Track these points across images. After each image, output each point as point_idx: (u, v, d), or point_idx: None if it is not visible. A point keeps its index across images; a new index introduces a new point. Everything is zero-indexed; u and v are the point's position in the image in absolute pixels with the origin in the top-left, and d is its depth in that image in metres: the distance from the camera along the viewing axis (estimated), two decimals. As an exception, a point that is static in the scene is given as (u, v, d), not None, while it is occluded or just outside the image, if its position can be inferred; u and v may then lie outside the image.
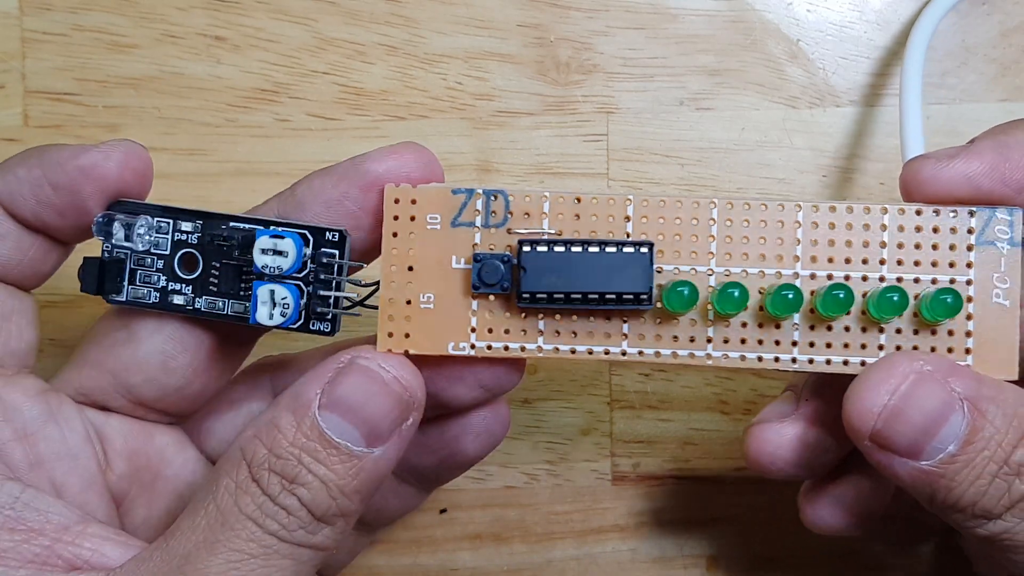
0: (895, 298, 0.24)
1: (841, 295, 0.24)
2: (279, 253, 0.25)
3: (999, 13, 0.34)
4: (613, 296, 0.24)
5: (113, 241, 0.26)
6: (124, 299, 0.26)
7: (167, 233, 0.26)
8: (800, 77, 0.35)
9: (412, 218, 0.25)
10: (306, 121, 0.35)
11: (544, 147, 0.35)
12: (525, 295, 0.24)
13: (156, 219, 0.26)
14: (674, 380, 0.35)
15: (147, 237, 0.26)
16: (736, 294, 0.24)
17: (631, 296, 0.24)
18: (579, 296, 0.24)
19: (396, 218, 0.25)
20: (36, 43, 0.35)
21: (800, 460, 0.27)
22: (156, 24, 0.35)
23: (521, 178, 0.35)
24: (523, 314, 0.25)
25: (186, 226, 0.26)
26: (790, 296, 0.24)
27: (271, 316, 0.25)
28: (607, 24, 0.35)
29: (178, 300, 0.26)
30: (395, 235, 0.25)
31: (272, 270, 0.25)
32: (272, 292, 0.25)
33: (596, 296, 0.24)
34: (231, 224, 0.26)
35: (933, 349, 0.25)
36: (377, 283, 0.25)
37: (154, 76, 0.35)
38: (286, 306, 0.25)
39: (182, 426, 0.29)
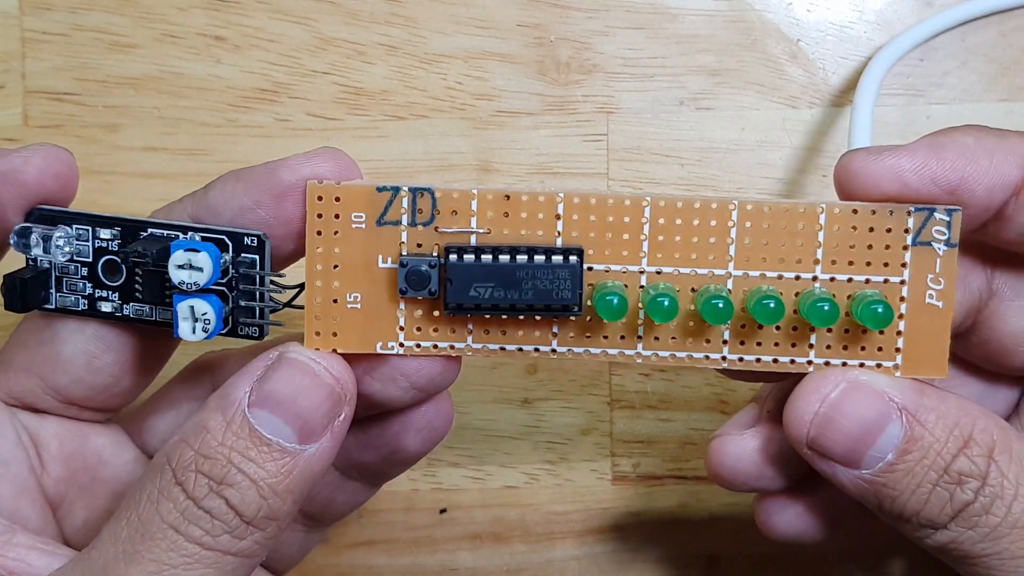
0: (825, 308, 0.24)
1: (771, 305, 0.24)
2: (195, 268, 0.24)
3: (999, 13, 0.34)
4: (542, 306, 0.24)
5: (32, 254, 0.25)
6: (53, 307, 0.26)
7: (87, 241, 0.26)
8: (800, 77, 0.35)
9: (336, 216, 0.24)
10: (306, 121, 0.35)
11: (544, 147, 0.35)
12: (452, 304, 0.24)
13: (75, 227, 0.25)
14: (674, 380, 0.35)
15: (66, 248, 0.25)
16: (666, 303, 0.24)
17: (560, 307, 0.24)
18: (507, 306, 0.24)
19: (320, 216, 0.24)
20: (36, 43, 0.35)
21: (762, 473, 0.27)
22: (156, 24, 0.35)
23: (521, 178, 0.35)
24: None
25: (105, 234, 0.25)
26: (720, 306, 0.24)
27: (194, 331, 0.24)
28: (607, 24, 0.35)
29: (106, 307, 0.26)
30: (319, 234, 0.24)
31: (190, 285, 0.24)
32: (192, 308, 0.24)
33: (525, 306, 0.24)
34: (149, 231, 0.25)
35: (863, 349, 0.25)
36: (302, 285, 0.25)
37: (154, 76, 0.35)
38: (207, 321, 0.24)
39: (122, 425, 0.29)
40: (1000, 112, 0.34)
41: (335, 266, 0.25)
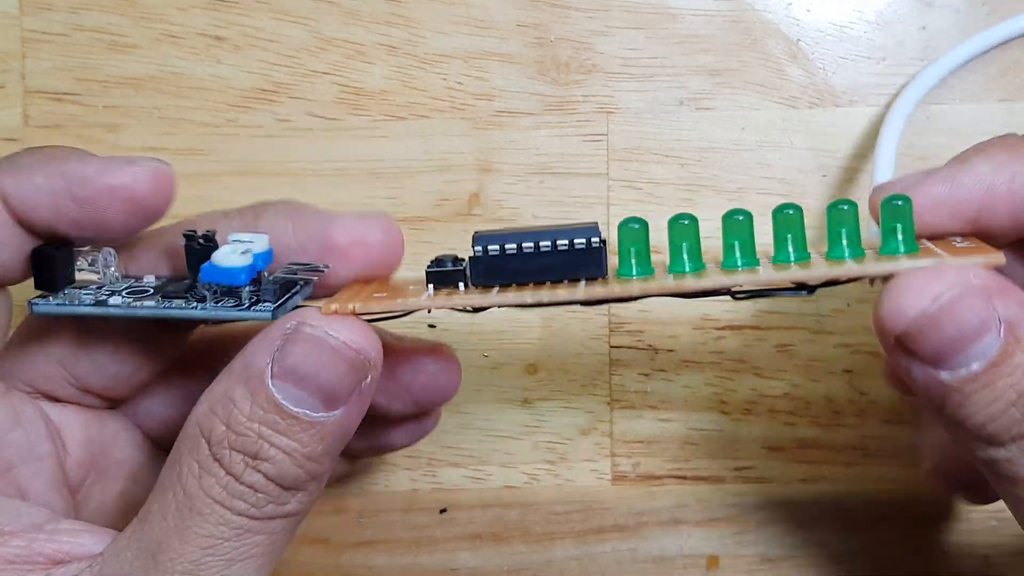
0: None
1: (845, 207, 0.24)
2: (247, 243, 0.25)
3: (1000, 12, 0.34)
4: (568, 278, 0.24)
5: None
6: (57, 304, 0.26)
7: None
8: (800, 77, 0.35)
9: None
10: (306, 121, 0.35)
11: (544, 147, 0.35)
12: (479, 282, 0.25)
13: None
14: (674, 380, 0.35)
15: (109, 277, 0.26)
16: (687, 222, 0.24)
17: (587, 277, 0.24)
18: (533, 281, 0.24)
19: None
20: (36, 43, 0.35)
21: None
22: (156, 24, 0.35)
23: (521, 178, 0.35)
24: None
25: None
26: (791, 212, 0.24)
27: (234, 252, 0.25)
28: (607, 24, 0.35)
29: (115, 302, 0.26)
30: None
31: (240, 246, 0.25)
32: (238, 243, 0.25)
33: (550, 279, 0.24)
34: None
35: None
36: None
37: (154, 76, 0.35)
38: (249, 252, 0.25)
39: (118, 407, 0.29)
40: (1001, 112, 0.34)
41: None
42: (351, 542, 0.35)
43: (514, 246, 0.24)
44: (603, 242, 0.24)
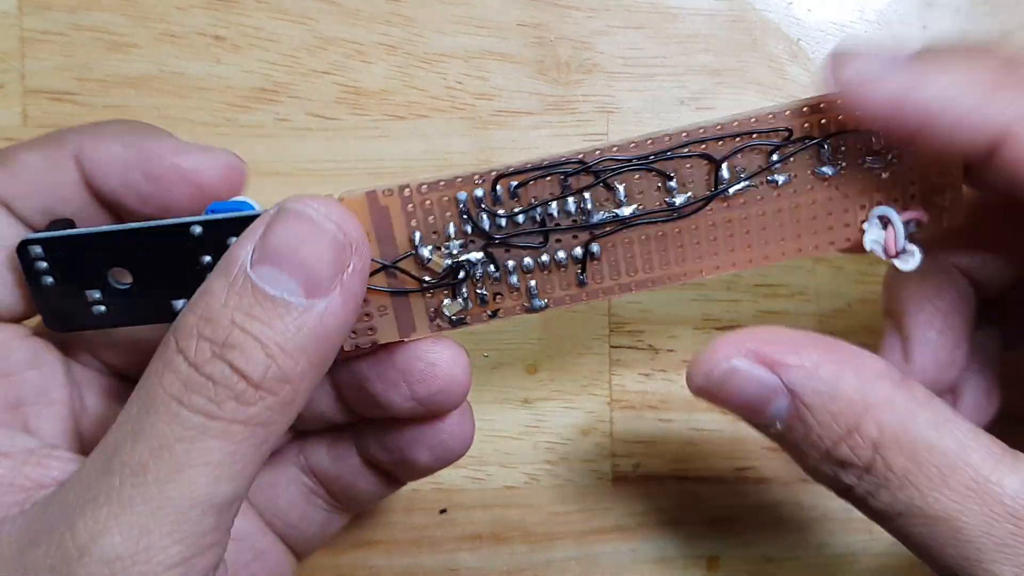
0: None
1: None
2: None
3: (1000, 12, 0.34)
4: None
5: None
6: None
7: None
8: (801, 76, 0.34)
9: None
10: (306, 121, 0.35)
11: (544, 146, 0.35)
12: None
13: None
14: (674, 380, 0.35)
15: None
16: None
17: None
18: None
19: None
20: (35, 43, 0.35)
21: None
22: (156, 24, 0.35)
23: (521, 178, 0.35)
24: None
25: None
26: None
27: None
28: (607, 23, 0.35)
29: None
30: None
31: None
32: None
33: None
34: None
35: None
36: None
37: (154, 76, 0.35)
38: None
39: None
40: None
41: None
42: (351, 542, 0.35)
43: None
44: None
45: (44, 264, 0.25)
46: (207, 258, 0.24)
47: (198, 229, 0.24)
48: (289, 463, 0.30)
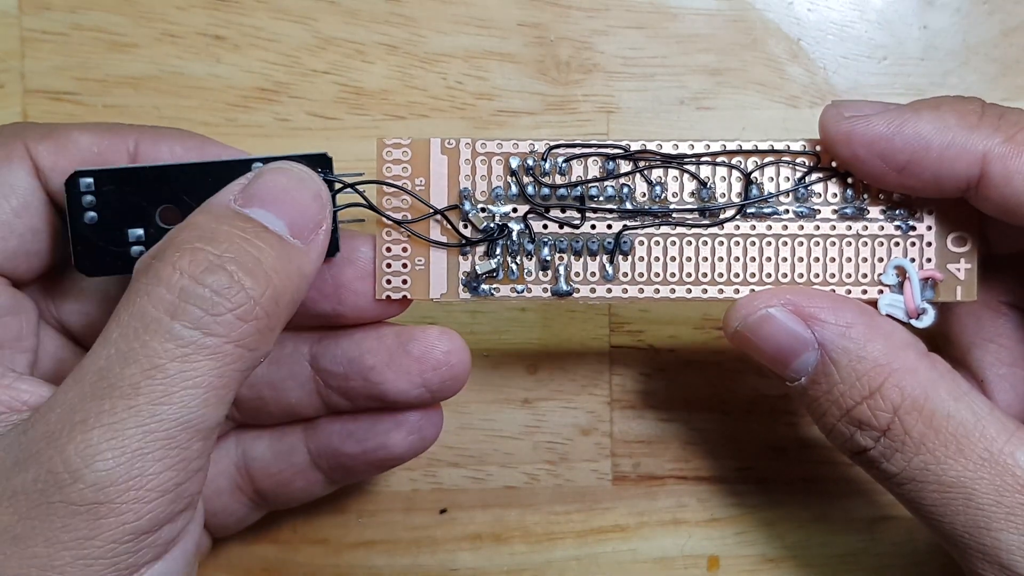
0: None
1: None
2: None
3: (1000, 12, 0.34)
4: None
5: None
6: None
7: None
8: (801, 76, 0.34)
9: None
10: (306, 120, 0.35)
11: (544, 147, 0.35)
12: None
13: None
14: (674, 380, 0.35)
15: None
16: None
17: None
18: None
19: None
20: (35, 43, 0.35)
21: None
22: (156, 24, 0.35)
23: (521, 178, 0.35)
24: None
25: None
26: None
27: None
28: (607, 23, 0.35)
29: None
30: None
31: None
32: None
33: None
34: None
35: None
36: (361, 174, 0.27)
37: (154, 76, 0.35)
38: None
39: None
40: (1001, 112, 0.34)
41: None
42: (351, 542, 0.35)
43: None
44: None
45: (91, 198, 0.25)
46: None
47: (259, 165, 0.25)
48: (223, 455, 0.30)
